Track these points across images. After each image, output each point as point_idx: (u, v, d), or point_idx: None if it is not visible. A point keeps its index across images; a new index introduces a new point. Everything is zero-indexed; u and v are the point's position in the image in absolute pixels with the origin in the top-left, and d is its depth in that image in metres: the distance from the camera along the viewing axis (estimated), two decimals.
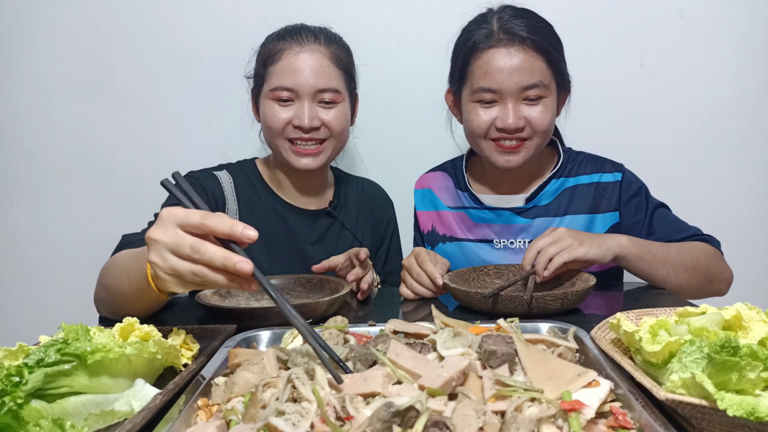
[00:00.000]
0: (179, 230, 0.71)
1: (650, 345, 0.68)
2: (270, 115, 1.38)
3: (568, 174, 1.45)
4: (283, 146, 1.39)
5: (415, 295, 1.25)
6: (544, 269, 1.12)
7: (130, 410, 0.68)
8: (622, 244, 1.19)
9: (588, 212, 1.40)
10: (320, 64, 1.36)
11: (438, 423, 0.56)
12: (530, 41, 1.27)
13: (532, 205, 1.43)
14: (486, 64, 1.28)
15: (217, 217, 0.71)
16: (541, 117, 1.29)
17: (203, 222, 0.70)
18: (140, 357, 0.72)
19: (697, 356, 0.63)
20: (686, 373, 0.60)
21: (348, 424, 0.59)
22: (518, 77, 1.26)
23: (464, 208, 1.49)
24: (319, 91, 1.36)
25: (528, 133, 1.31)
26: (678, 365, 0.64)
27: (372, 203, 1.62)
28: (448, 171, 1.57)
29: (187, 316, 1.19)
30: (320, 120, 1.37)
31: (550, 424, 0.59)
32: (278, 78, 1.36)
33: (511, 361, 0.72)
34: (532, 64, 1.27)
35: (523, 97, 1.29)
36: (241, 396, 0.68)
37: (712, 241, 1.34)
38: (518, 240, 1.42)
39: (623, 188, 1.40)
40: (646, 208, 1.39)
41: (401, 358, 0.70)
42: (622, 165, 1.46)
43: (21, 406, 0.61)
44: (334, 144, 1.41)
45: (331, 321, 0.92)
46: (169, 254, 0.72)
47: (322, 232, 1.50)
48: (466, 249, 1.47)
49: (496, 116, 1.30)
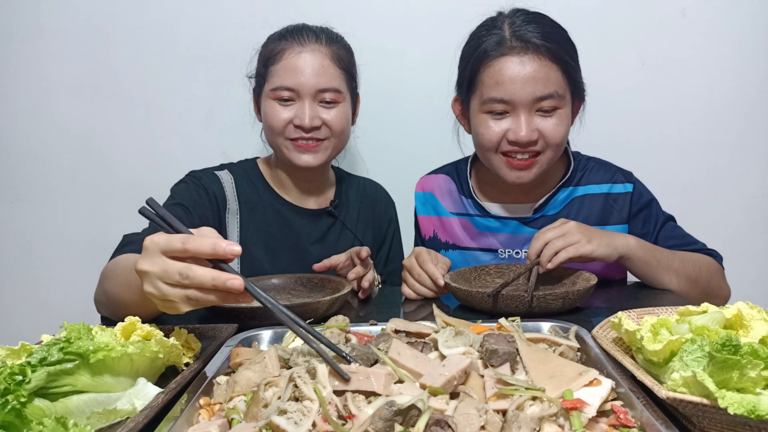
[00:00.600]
0: (165, 258, 0.70)
1: (651, 344, 0.68)
2: (271, 115, 1.38)
3: (577, 183, 1.40)
4: (284, 145, 1.39)
5: (416, 295, 1.25)
6: (548, 261, 1.12)
7: (133, 409, 0.68)
8: (629, 245, 1.19)
9: (597, 223, 1.33)
10: (321, 63, 1.36)
11: (440, 422, 0.56)
12: (545, 49, 1.20)
13: (540, 215, 1.39)
14: (497, 74, 1.22)
15: (198, 240, 0.70)
16: (555, 130, 1.23)
17: (185, 247, 0.70)
18: (142, 356, 0.73)
19: (698, 355, 0.63)
20: (687, 372, 0.60)
21: (350, 423, 0.59)
22: (532, 87, 1.19)
23: (468, 215, 1.44)
24: (320, 91, 1.36)
25: (541, 146, 1.25)
26: (679, 364, 0.64)
27: (373, 203, 1.62)
28: (451, 175, 1.50)
29: (189, 316, 1.17)
30: (321, 120, 1.37)
31: (551, 422, 0.59)
32: (279, 78, 1.36)
33: (513, 360, 0.72)
34: (546, 74, 1.20)
35: (537, 108, 1.22)
36: (243, 395, 0.68)
37: (716, 256, 1.33)
38: (524, 250, 1.37)
39: (633, 201, 1.37)
40: (655, 221, 1.36)
41: (403, 357, 0.70)
42: (632, 174, 1.42)
43: (24, 404, 0.61)
44: (334, 143, 1.41)
45: (332, 320, 0.92)
46: (160, 283, 0.71)
47: (323, 232, 1.50)
48: (470, 258, 1.43)
49: (507, 128, 1.24)
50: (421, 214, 1.53)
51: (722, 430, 0.59)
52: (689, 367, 0.62)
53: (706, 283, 1.27)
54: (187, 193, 1.36)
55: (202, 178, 1.41)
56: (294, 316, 0.72)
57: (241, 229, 1.41)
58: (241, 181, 1.46)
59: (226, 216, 1.40)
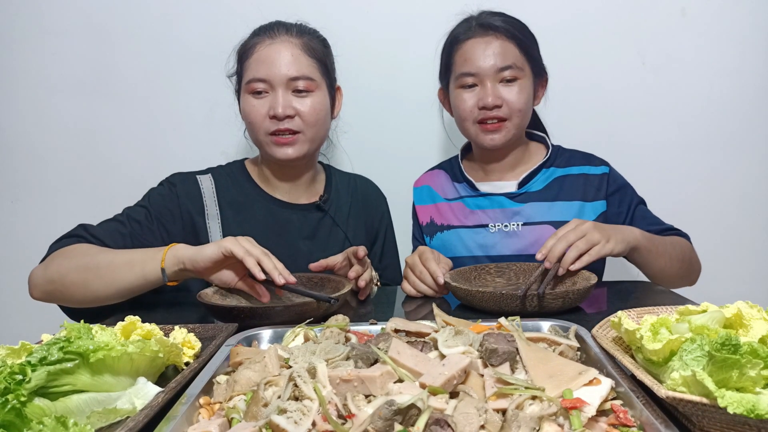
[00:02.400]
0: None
1: (651, 343, 0.68)
2: (248, 110, 1.39)
3: (558, 165, 1.53)
4: (264, 141, 1.40)
5: (417, 292, 1.26)
6: (571, 263, 1.14)
7: (133, 408, 0.69)
8: (636, 236, 1.24)
9: (579, 200, 1.47)
10: (291, 53, 1.37)
11: (439, 421, 0.56)
12: (503, 30, 1.43)
13: (524, 191, 1.50)
14: (465, 53, 1.44)
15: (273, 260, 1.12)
16: (517, 97, 1.42)
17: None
18: (142, 355, 0.73)
19: (698, 354, 0.63)
20: (687, 371, 0.60)
21: (349, 422, 0.59)
22: (493, 60, 1.41)
23: (461, 198, 1.56)
24: (292, 80, 1.36)
25: (505, 112, 1.42)
26: (679, 363, 0.64)
27: (364, 198, 1.62)
28: (445, 168, 1.64)
29: (189, 315, 1.19)
30: (294, 109, 1.37)
31: (551, 421, 0.59)
32: (252, 71, 1.38)
33: (512, 359, 0.72)
34: (505, 49, 1.42)
35: (500, 78, 1.41)
36: (243, 394, 0.68)
37: (686, 236, 1.44)
38: (512, 223, 1.49)
39: (610, 181, 1.49)
40: (629, 202, 1.47)
41: (402, 356, 0.70)
42: (608, 161, 1.54)
43: (24, 403, 0.61)
44: (311, 135, 1.40)
45: (332, 319, 0.92)
46: (250, 245, 1.10)
47: (313, 227, 1.50)
48: (464, 235, 1.52)
49: (478, 98, 1.43)
50: (418, 204, 1.64)
51: (722, 429, 0.59)
52: (689, 366, 0.62)
53: (689, 262, 1.38)
54: (158, 198, 1.40)
55: (177, 185, 1.42)
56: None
57: (224, 232, 1.40)
58: (224, 185, 1.46)
59: (206, 221, 1.40)
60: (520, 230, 1.46)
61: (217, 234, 1.40)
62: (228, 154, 1.86)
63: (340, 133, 1.70)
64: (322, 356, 0.73)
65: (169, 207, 1.38)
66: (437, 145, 1.90)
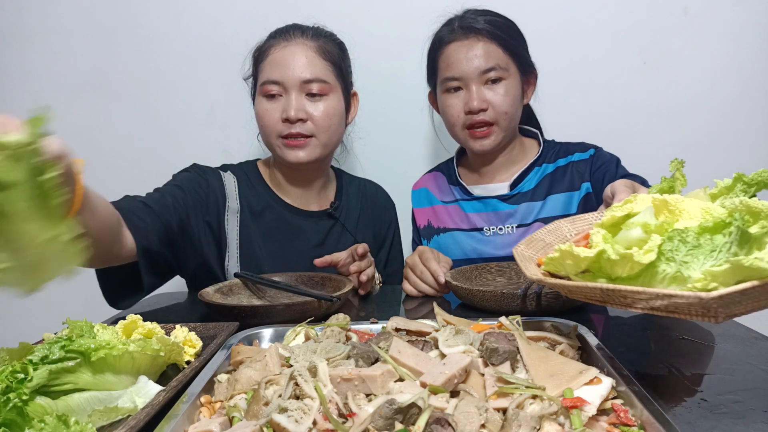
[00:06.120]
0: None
1: (641, 257, 0.64)
2: (261, 113, 1.39)
3: (548, 161, 1.53)
4: (276, 144, 1.40)
5: (417, 291, 1.26)
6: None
7: (134, 407, 0.69)
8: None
9: (567, 190, 1.48)
10: (306, 55, 1.37)
11: (440, 420, 0.56)
12: (485, 31, 1.41)
13: (516, 192, 1.51)
14: (448, 57, 1.43)
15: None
16: (502, 99, 1.41)
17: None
18: (143, 354, 0.73)
19: (712, 247, 0.59)
20: (718, 262, 0.57)
21: (350, 421, 0.59)
22: (476, 62, 1.39)
23: (456, 201, 1.57)
24: (305, 82, 1.36)
25: (491, 116, 1.41)
26: (672, 265, 0.62)
27: (374, 204, 1.62)
28: (442, 170, 1.65)
29: (190, 314, 1.19)
30: (306, 113, 1.36)
31: (551, 421, 0.59)
32: (266, 73, 1.38)
33: (513, 358, 0.72)
34: (487, 51, 1.40)
35: (485, 80, 1.40)
36: (244, 393, 0.68)
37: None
38: (506, 226, 1.50)
39: (594, 161, 1.49)
40: (614, 163, 1.44)
41: (403, 355, 0.70)
42: (600, 147, 1.52)
43: (26, 402, 0.61)
44: (324, 139, 1.40)
45: (333, 318, 0.92)
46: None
47: (323, 234, 1.50)
48: (459, 238, 1.53)
49: (464, 103, 1.42)
50: (416, 207, 1.65)
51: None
52: (690, 263, 0.59)
53: None
54: (188, 179, 1.38)
55: (206, 171, 1.42)
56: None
57: (241, 229, 1.41)
58: (243, 184, 1.46)
59: (226, 213, 1.40)
60: (515, 233, 1.47)
61: (234, 229, 1.40)
62: (229, 153, 1.86)
63: (355, 139, 1.70)
64: (323, 355, 0.73)
65: (200, 189, 1.37)
66: (447, 152, 1.88)
